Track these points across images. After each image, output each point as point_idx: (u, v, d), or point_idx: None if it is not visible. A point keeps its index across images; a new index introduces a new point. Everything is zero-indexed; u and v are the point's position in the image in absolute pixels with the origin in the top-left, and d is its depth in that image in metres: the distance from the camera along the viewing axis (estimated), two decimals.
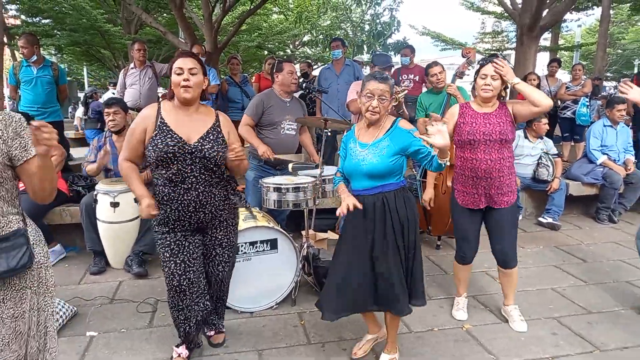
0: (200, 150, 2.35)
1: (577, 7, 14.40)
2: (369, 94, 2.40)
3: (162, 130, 2.35)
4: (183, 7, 7.74)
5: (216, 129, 2.44)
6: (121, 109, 4.02)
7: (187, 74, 2.33)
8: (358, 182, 2.51)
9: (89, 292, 3.59)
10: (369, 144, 2.46)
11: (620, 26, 23.88)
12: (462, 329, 3.09)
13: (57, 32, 13.41)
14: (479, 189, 2.94)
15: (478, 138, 2.86)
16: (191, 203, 2.40)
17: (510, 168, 2.92)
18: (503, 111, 2.91)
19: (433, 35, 19.76)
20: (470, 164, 2.92)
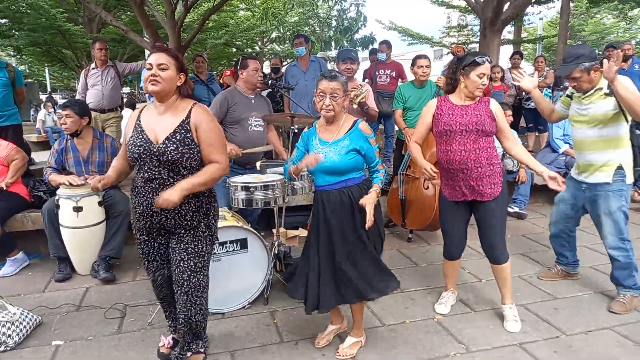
0: (163, 152, 2.27)
1: (538, 0, 14.74)
2: (321, 93, 2.51)
3: (136, 131, 2.35)
4: (144, 4, 7.56)
5: (184, 127, 2.30)
6: (74, 112, 3.86)
7: (155, 69, 2.28)
8: (321, 178, 2.61)
9: (54, 300, 3.48)
10: (329, 142, 2.56)
11: (580, 18, 24.58)
12: (433, 320, 3.13)
13: (15, 32, 12.96)
14: (458, 181, 2.93)
15: (454, 128, 2.85)
16: (150, 205, 2.33)
17: (489, 159, 2.87)
18: (483, 105, 2.89)
19: (400, 30, 19.94)
20: (446, 155, 2.92)
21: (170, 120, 2.34)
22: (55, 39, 13.90)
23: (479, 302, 3.37)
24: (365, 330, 2.95)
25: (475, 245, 4.46)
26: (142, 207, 2.38)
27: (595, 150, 3.14)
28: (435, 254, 4.29)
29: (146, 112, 2.42)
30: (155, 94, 2.32)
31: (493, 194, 2.90)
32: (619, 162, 3.12)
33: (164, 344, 2.71)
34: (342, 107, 2.57)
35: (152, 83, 2.28)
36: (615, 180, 3.13)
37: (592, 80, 3.06)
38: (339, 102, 2.51)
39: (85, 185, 3.83)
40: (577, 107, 3.19)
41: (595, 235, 4.64)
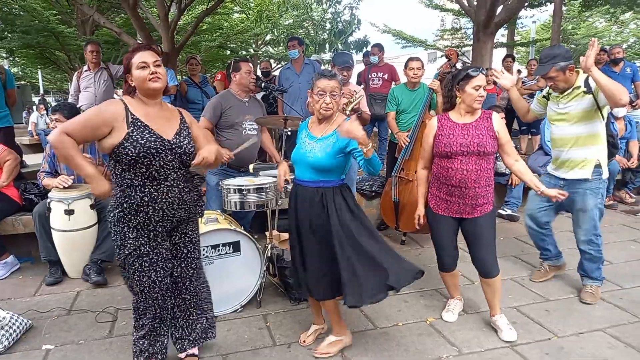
0: (179, 146, 2.33)
1: (531, 4, 14.83)
2: (320, 91, 2.49)
3: (137, 127, 2.24)
4: (137, 6, 7.54)
5: (184, 124, 2.43)
6: (63, 116, 3.82)
7: (152, 67, 2.26)
8: (302, 172, 2.62)
9: (45, 304, 3.46)
10: (317, 137, 2.57)
11: (572, 22, 24.72)
12: (425, 323, 3.13)
13: (8, 34, 12.88)
14: (453, 197, 2.88)
15: (455, 150, 2.79)
16: (175, 200, 2.35)
17: (488, 180, 2.84)
18: (484, 122, 2.82)
19: (394, 33, 19.97)
20: (445, 172, 2.86)
21: (169, 119, 2.39)
22: (48, 41, 13.82)
23: (471, 304, 3.37)
24: (357, 333, 2.96)
25: None
26: (163, 211, 2.32)
27: (575, 147, 3.24)
28: (428, 256, 4.29)
29: (136, 108, 2.30)
30: (157, 91, 2.32)
31: (484, 210, 2.87)
32: (597, 159, 3.23)
33: None
34: (339, 106, 2.59)
35: (154, 80, 2.27)
36: (594, 177, 3.24)
37: (568, 80, 3.17)
38: (337, 100, 2.53)
39: (77, 187, 3.81)
40: (556, 107, 3.29)
41: None
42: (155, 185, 2.28)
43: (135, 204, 2.27)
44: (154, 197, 2.28)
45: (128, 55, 2.32)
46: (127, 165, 2.24)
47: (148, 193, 2.28)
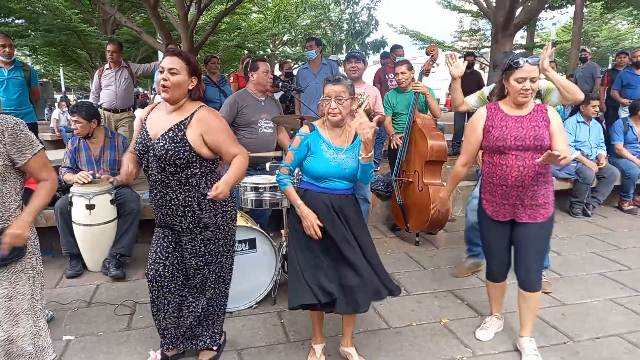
0: (154, 147, 2.33)
1: (551, 5, 14.68)
2: (326, 97, 2.47)
3: (142, 127, 2.44)
4: (157, 6, 7.65)
5: (179, 126, 2.31)
6: (82, 117, 3.88)
7: (166, 73, 2.29)
8: (335, 184, 2.52)
9: (66, 296, 3.54)
10: (344, 149, 2.51)
11: (594, 24, 24.39)
12: (439, 324, 3.13)
13: (31, 33, 13.16)
14: (510, 199, 2.59)
15: (509, 144, 2.51)
16: (165, 204, 2.42)
17: (546, 176, 2.58)
18: (539, 114, 2.55)
19: (411, 34, 19.95)
20: (499, 170, 2.57)
21: (171, 120, 2.36)
22: (70, 40, 14.08)
23: (486, 306, 3.34)
24: (370, 332, 2.98)
25: None
26: (156, 208, 2.49)
27: None
28: (442, 257, 4.28)
29: (155, 110, 2.48)
30: (168, 101, 2.37)
31: (546, 214, 2.59)
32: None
33: (153, 358, 2.66)
34: (350, 111, 2.53)
35: (163, 91, 2.31)
36: None
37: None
38: (345, 105, 2.45)
39: (98, 183, 3.89)
40: None
41: (606, 242, 4.64)
42: (151, 184, 2.45)
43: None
44: (152, 193, 2.48)
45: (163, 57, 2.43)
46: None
47: (150, 185, 2.47)
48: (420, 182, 4.29)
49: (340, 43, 12.16)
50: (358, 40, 11.49)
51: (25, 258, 1.98)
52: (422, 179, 4.27)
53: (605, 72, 8.18)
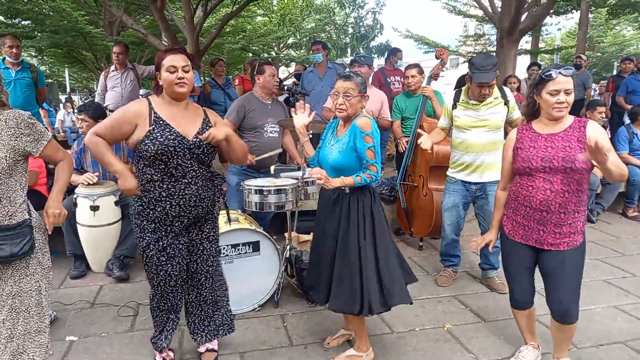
0: (198, 146, 2.38)
1: (556, 11, 14.66)
2: (335, 92, 2.51)
3: (159, 125, 2.33)
4: (164, 9, 7.68)
5: (207, 124, 2.47)
6: (88, 116, 3.93)
7: (181, 72, 2.32)
8: (329, 173, 2.57)
9: (69, 297, 3.55)
10: (339, 139, 2.59)
11: (599, 29, 24.34)
12: (443, 329, 3.12)
13: (38, 34, 13.23)
14: (532, 222, 2.41)
15: (535, 165, 2.34)
16: (192, 197, 2.41)
17: (578, 205, 2.34)
18: (574, 132, 2.30)
19: (416, 38, 19.90)
20: (525, 191, 2.40)
21: (193, 118, 2.44)
22: (76, 41, 14.15)
23: (490, 312, 3.35)
24: (374, 336, 2.97)
25: None
26: (179, 207, 2.38)
27: (488, 152, 3.47)
28: None
29: (161, 107, 2.38)
30: (184, 95, 2.39)
31: (572, 243, 2.37)
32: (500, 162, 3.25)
33: (164, 358, 2.68)
34: (360, 108, 2.53)
35: (181, 85, 2.33)
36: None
37: (493, 88, 3.39)
38: (352, 102, 2.47)
39: (102, 184, 3.91)
40: (474, 114, 3.46)
41: (610, 249, 4.62)
42: (173, 181, 2.36)
43: (154, 198, 2.36)
44: (172, 193, 2.36)
45: (160, 55, 2.37)
46: (147, 161, 2.34)
47: (166, 189, 2.35)
48: (425, 187, 4.29)
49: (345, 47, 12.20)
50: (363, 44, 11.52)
51: (33, 254, 1.99)
52: (427, 184, 4.27)
53: (610, 78, 8.17)
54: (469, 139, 3.48)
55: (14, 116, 1.86)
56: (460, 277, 3.95)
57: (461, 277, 3.96)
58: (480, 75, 3.27)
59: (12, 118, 1.85)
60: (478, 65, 3.27)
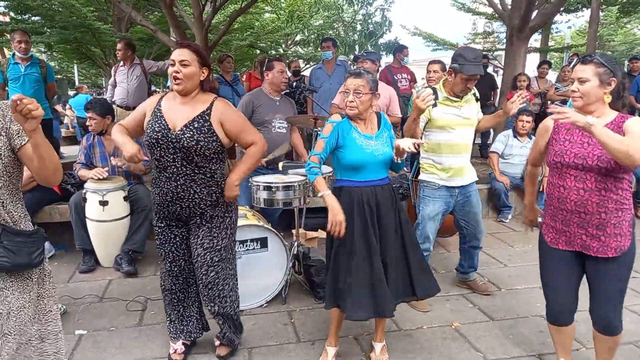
0: (179, 139, 2.33)
1: (567, 8, 14.55)
2: (345, 90, 2.48)
3: (155, 116, 2.41)
4: (173, 5, 7.68)
5: (204, 116, 2.36)
6: (96, 114, 3.96)
7: (177, 66, 2.32)
8: (372, 173, 2.52)
9: (78, 291, 3.57)
10: (373, 136, 2.53)
11: (609, 28, 24.12)
12: (451, 327, 3.11)
13: (47, 30, 13.30)
14: (571, 226, 2.23)
15: (567, 161, 2.18)
16: (169, 193, 2.42)
17: (620, 203, 2.15)
18: (615, 128, 2.10)
19: (425, 36, 19.84)
20: (557, 192, 2.26)
21: (189, 111, 2.40)
22: (85, 37, 14.18)
23: (498, 310, 3.34)
24: None
25: (495, 254, 4.44)
26: (160, 197, 2.45)
27: (467, 152, 3.27)
28: (454, 261, 4.24)
29: (167, 100, 2.45)
30: (179, 92, 2.39)
31: (619, 247, 2.18)
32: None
33: (175, 350, 2.68)
34: (370, 105, 2.49)
35: (175, 83, 2.34)
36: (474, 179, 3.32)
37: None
38: (363, 99, 2.43)
39: (112, 179, 3.92)
40: (457, 112, 3.15)
41: None
42: (158, 172, 2.44)
43: (153, 182, 2.49)
44: (157, 182, 2.46)
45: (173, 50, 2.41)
46: (148, 149, 2.45)
47: (156, 177, 2.48)
48: None
49: (353, 44, 12.15)
50: (371, 41, 11.48)
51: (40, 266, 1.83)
52: None
53: None
54: (454, 139, 3.17)
55: (6, 106, 1.71)
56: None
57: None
58: (471, 67, 2.98)
59: (4, 108, 1.70)
60: (469, 57, 3.00)
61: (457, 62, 3.02)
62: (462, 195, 3.31)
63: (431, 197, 3.27)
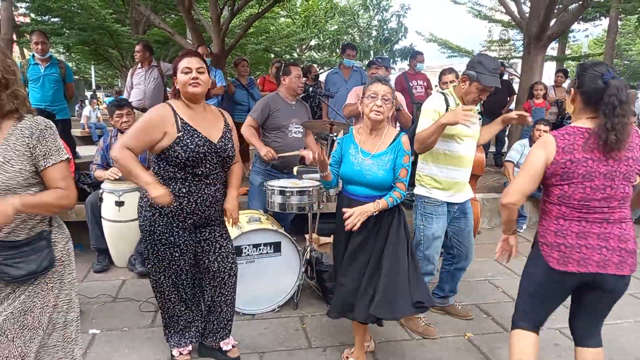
0: (224, 149, 2.46)
1: (584, 17, 14.40)
2: (372, 94, 2.43)
3: (187, 131, 2.35)
4: (192, 8, 7.76)
5: (228, 128, 2.55)
6: (131, 109, 4.06)
7: (195, 73, 2.36)
8: (358, 189, 2.52)
9: (92, 290, 3.60)
10: (372, 154, 2.49)
11: (627, 37, 23.84)
12: (464, 338, 3.08)
13: (66, 31, 13.50)
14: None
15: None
16: (209, 197, 2.47)
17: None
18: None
19: (440, 43, 19.78)
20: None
21: (214, 122, 2.50)
22: (103, 39, 14.38)
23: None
24: (393, 342, 2.96)
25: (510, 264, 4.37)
26: (195, 204, 2.43)
27: (470, 166, 3.07)
28: (468, 270, 4.19)
29: (183, 113, 2.40)
30: (196, 96, 2.41)
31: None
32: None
33: (180, 353, 2.71)
34: (390, 113, 2.51)
35: (194, 85, 2.36)
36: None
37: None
38: (389, 106, 2.46)
39: (127, 180, 3.95)
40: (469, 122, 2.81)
41: None
42: (196, 181, 2.41)
43: (173, 193, 2.35)
44: (192, 190, 2.41)
45: (177, 60, 2.42)
46: (174, 164, 2.35)
47: (187, 186, 2.39)
48: None
49: (369, 49, 12.12)
50: (386, 47, 11.45)
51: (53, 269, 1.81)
52: None
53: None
54: (461, 151, 2.96)
55: (29, 125, 1.69)
56: (482, 286, 3.89)
57: (482, 285, 3.90)
58: (490, 78, 2.77)
59: (27, 127, 1.68)
60: (488, 67, 2.78)
61: (475, 70, 2.80)
62: (460, 211, 3.10)
63: (434, 214, 3.01)
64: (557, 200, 2.06)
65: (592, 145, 1.96)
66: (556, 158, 1.99)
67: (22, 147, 1.67)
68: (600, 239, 2.01)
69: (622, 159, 1.97)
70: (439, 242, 3.09)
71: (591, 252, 2.00)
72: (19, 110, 1.69)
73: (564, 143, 2.00)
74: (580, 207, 2.02)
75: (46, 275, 1.78)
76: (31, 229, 1.75)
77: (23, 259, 1.69)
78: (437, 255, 3.13)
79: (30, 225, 1.75)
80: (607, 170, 1.97)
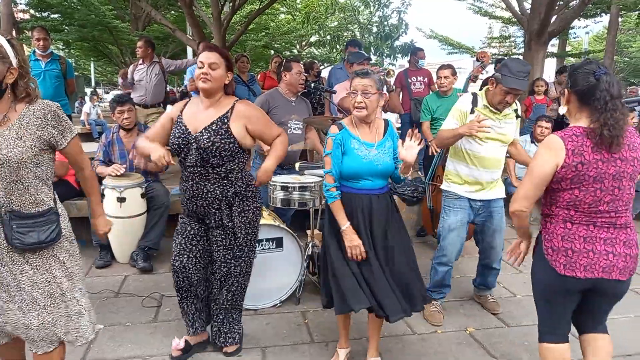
0: (197, 140, 2.41)
1: (585, 14, 14.38)
2: (352, 90, 2.41)
3: (177, 123, 2.49)
4: (193, 5, 7.77)
5: (222, 119, 2.43)
6: (133, 106, 4.06)
7: (207, 68, 2.38)
8: (370, 182, 2.46)
9: (95, 286, 3.61)
10: (375, 144, 2.46)
11: (628, 34, 23.84)
12: (465, 332, 3.09)
13: (66, 27, 13.51)
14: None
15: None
16: (187, 191, 2.52)
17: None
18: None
19: (440, 39, 19.79)
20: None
21: (210, 114, 2.47)
22: (103, 35, 14.40)
23: (513, 317, 3.31)
24: (395, 337, 2.97)
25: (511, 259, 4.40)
26: (188, 192, 2.53)
27: (499, 168, 3.12)
28: (468, 265, 4.23)
29: (189, 106, 2.54)
30: (205, 91, 2.44)
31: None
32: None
33: (176, 345, 2.71)
34: (376, 105, 2.43)
35: (202, 80, 2.39)
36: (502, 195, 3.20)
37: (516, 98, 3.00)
38: (372, 99, 2.38)
39: (129, 176, 3.96)
40: (492, 124, 2.94)
41: None
42: (188, 171, 2.50)
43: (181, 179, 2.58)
44: (187, 178, 2.53)
45: (199, 52, 2.47)
46: (174, 154, 2.51)
47: (184, 180, 2.55)
48: None
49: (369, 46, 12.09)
50: (387, 43, 11.41)
51: (59, 242, 1.99)
52: None
53: None
54: (482, 153, 3.02)
55: (41, 107, 1.88)
56: None
57: None
58: (513, 80, 2.81)
59: (40, 109, 1.87)
60: (513, 69, 2.82)
61: (501, 72, 2.87)
62: (484, 209, 3.15)
63: (452, 207, 3.14)
64: (565, 205, 2.02)
65: (599, 145, 1.93)
66: (567, 161, 1.94)
67: (34, 126, 1.86)
68: (606, 244, 1.98)
69: (629, 159, 1.95)
70: (455, 234, 3.15)
71: (598, 258, 1.98)
72: (30, 95, 1.88)
73: (573, 145, 1.94)
74: (589, 211, 1.98)
75: (56, 251, 1.97)
76: (41, 203, 1.93)
77: (35, 229, 1.89)
78: (453, 247, 3.17)
79: (39, 200, 1.92)
80: (615, 171, 1.94)
